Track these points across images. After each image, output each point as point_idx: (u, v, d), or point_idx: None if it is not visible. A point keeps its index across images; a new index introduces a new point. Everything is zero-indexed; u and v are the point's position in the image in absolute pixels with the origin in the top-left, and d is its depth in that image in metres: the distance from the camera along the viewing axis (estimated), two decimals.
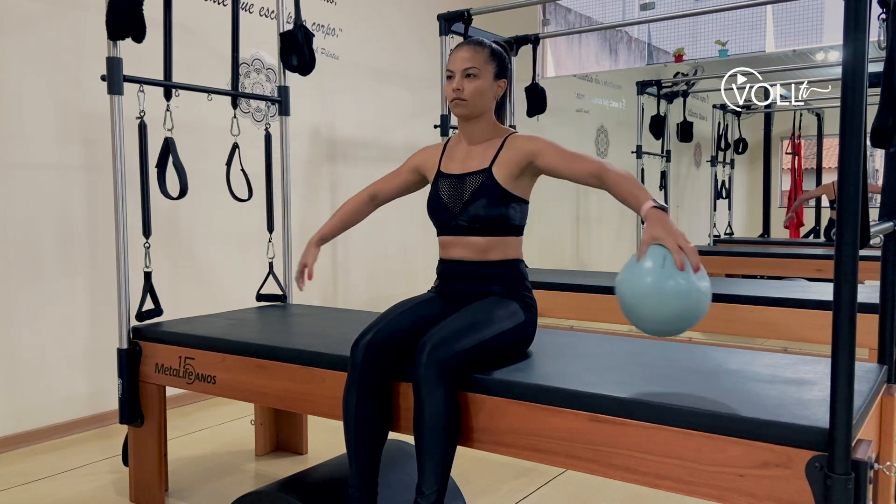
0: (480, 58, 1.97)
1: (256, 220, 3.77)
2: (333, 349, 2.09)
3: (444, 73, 2.05)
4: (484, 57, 1.97)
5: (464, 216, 1.98)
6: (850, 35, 1.32)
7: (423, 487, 1.73)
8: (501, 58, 2.02)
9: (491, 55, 1.99)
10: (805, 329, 3.20)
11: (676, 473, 1.52)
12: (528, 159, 1.94)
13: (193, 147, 3.58)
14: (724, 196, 7.46)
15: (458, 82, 1.96)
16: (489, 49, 1.99)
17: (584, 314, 3.84)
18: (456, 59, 1.98)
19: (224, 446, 3.09)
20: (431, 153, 2.15)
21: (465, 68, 1.96)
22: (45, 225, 3.15)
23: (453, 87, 1.97)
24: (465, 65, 1.96)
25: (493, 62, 1.99)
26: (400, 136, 4.93)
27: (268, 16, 4.00)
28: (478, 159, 2.01)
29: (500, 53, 2.02)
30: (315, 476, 2.08)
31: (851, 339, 1.34)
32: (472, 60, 1.96)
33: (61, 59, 3.18)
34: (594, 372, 1.81)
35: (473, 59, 1.96)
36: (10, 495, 2.59)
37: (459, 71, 1.96)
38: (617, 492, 2.57)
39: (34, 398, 3.14)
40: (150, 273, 2.58)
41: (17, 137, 3.05)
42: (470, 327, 1.82)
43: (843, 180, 1.33)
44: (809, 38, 7.49)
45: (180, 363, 2.40)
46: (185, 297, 3.64)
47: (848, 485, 1.34)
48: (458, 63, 1.97)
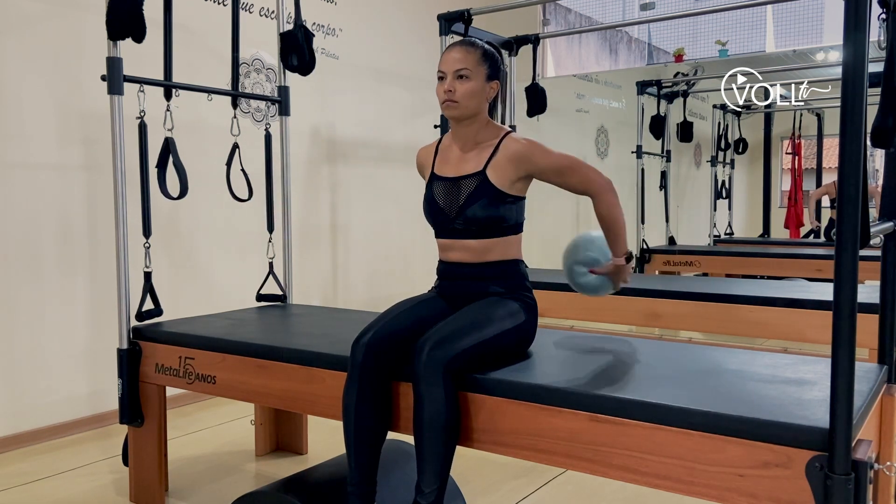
0: (472, 58, 1.94)
1: (256, 220, 3.76)
2: (333, 349, 2.09)
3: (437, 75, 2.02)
4: (476, 58, 1.95)
5: (460, 220, 1.97)
6: (850, 35, 1.32)
7: (422, 486, 1.73)
8: (494, 58, 1.99)
9: (483, 56, 1.96)
10: (805, 329, 3.20)
11: (676, 473, 1.52)
12: (524, 167, 1.94)
13: (193, 147, 3.58)
14: (724, 196, 7.46)
15: (450, 83, 1.93)
16: (481, 50, 1.97)
17: (584, 314, 3.83)
18: (447, 59, 1.96)
19: (224, 446, 3.09)
20: (425, 154, 2.13)
21: (456, 69, 1.93)
22: (45, 225, 3.15)
23: (445, 89, 1.94)
24: (456, 66, 1.93)
25: (485, 63, 1.96)
26: (400, 136, 4.93)
27: (268, 16, 4.00)
28: (472, 162, 1.98)
29: (492, 54, 1.99)
30: (315, 476, 2.08)
31: (851, 339, 1.34)
32: (464, 61, 1.93)
33: (61, 59, 3.18)
34: (594, 372, 1.81)
35: (465, 60, 1.94)
36: (10, 495, 2.59)
37: (451, 72, 1.94)
38: (617, 492, 2.57)
39: (34, 398, 3.14)
40: (150, 273, 2.58)
41: (17, 137, 3.06)
42: (470, 327, 1.82)
43: (843, 180, 1.33)
44: (809, 38, 7.49)
45: (180, 363, 2.40)
46: (185, 297, 3.64)
47: (848, 485, 1.34)
48: (449, 64, 1.95)
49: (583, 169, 1.97)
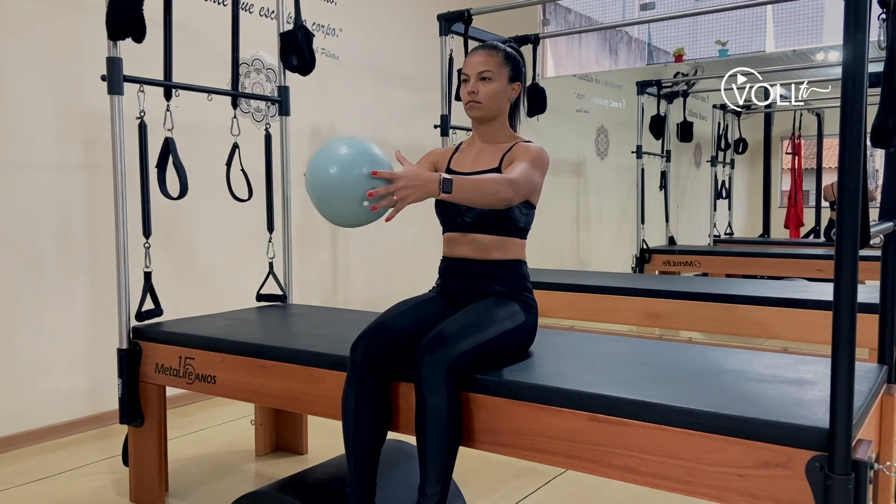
0: (495, 61, 2.01)
1: (256, 220, 3.76)
2: (333, 349, 2.09)
3: (460, 77, 2.10)
4: (498, 60, 2.02)
5: (470, 213, 2.00)
6: (850, 35, 1.32)
7: (425, 488, 1.73)
8: (516, 61, 2.07)
9: (505, 58, 2.04)
10: (805, 329, 3.20)
11: (676, 473, 1.52)
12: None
13: (193, 147, 3.58)
14: (724, 196, 7.46)
15: (474, 85, 2.01)
16: (503, 53, 2.04)
17: (584, 314, 3.84)
18: (471, 62, 2.03)
19: (224, 446, 3.09)
20: (442, 154, 2.20)
21: (479, 71, 2.01)
22: (45, 225, 3.15)
23: (468, 90, 2.01)
24: (479, 68, 2.01)
25: (507, 65, 2.03)
26: (400, 136, 4.93)
27: (268, 16, 4.00)
28: (488, 159, 2.05)
29: (514, 57, 2.07)
30: (315, 476, 2.08)
31: (851, 339, 1.34)
32: (487, 64, 2.01)
33: (61, 59, 3.18)
34: (594, 372, 1.81)
35: (488, 63, 2.01)
36: (10, 495, 2.59)
37: (474, 74, 2.01)
38: (617, 492, 2.57)
39: (34, 398, 3.14)
40: (150, 273, 2.58)
41: (17, 137, 3.06)
42: (471, 327, 1.82)
43: (843, 180, 1.33)
44: (809, 38, 7.50)
45: (180, 363, 2.40)
46: (185, 297, 3.64)
47: (848, 485, 1.34)
48: (473, 67, 2.02)
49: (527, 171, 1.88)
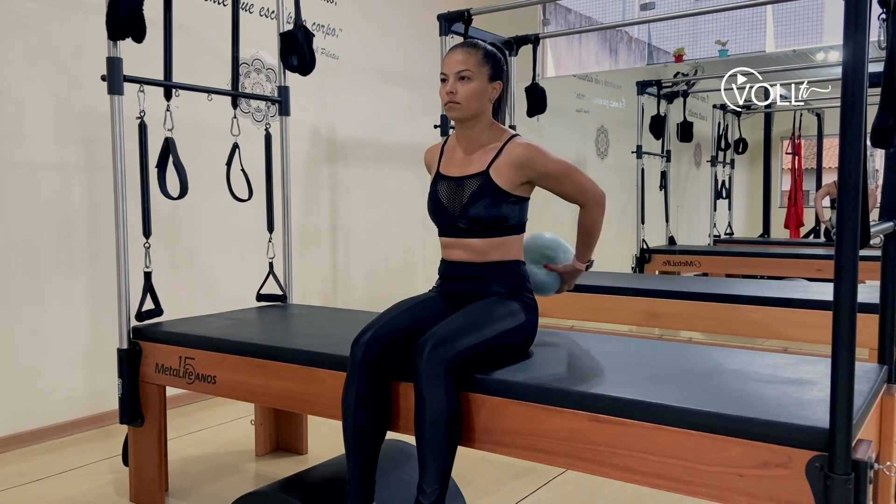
0: (474, 60, 1.95)
1: (256, 220, 3.76)
2: (333, 349, 2.09)
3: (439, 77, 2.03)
4: (478, 59, 1.96)
5: (463, 219, 1.98)
6: (850, 35, 1.32)
7: (424, 486, 1.73)
8: (496, 59, 2.00)
9: (485, 57, 1.97)
10: (805, 329, 3.20)
11: (676, 473, 1.52)
12: (525, 172, 1.96)
13: (193, 147, 3.58)
14: (725, 196, 7.46)
15: (452, 85, 1.95)
16: (483, 51, 1.98)
17: (584, 314, 3.84)
18: (449, 61, 1.97)
19: (224, 446, 3.09)
20: (432, 154, 2.16)
21: (458, 71, 1.94)
22: (45, 225, 3.15)
23: (447, 90, 1.95)
24: (458, 67, 1.94)
25: (487, 64, 1.97)
26: (400, 136, 4.93)
27: (268, 16, 4.00)
28: (476, 162, 2.00)
29: (494, 55, 2.00)
30: (315, 476, 2.08)
31: (851, 339, 1.34)
32: (466, 63, 1.94)
33: (61, 59, 3.18)
34: (594, 372, 1.81)
35: (467, 62, 1.94)
36: (10, 495, 2.59)
37: (453, 73, 1.95)
38: (617, 492, 2.57)
39: (34, 398, 3.14)
40: (150, 273, 2.58)
41: (17, 137, 3.05)
42: (471, 326, 1.82)
43: (843, 180, 1.33)
44: (809, 38, 7.50)
45: (180, 363, 2.40)
46: (185, 297, 3.64)
47: (848, 485, 1.34)
48: (451, 66, 1.96)
49: (580, 177, 2.00)
